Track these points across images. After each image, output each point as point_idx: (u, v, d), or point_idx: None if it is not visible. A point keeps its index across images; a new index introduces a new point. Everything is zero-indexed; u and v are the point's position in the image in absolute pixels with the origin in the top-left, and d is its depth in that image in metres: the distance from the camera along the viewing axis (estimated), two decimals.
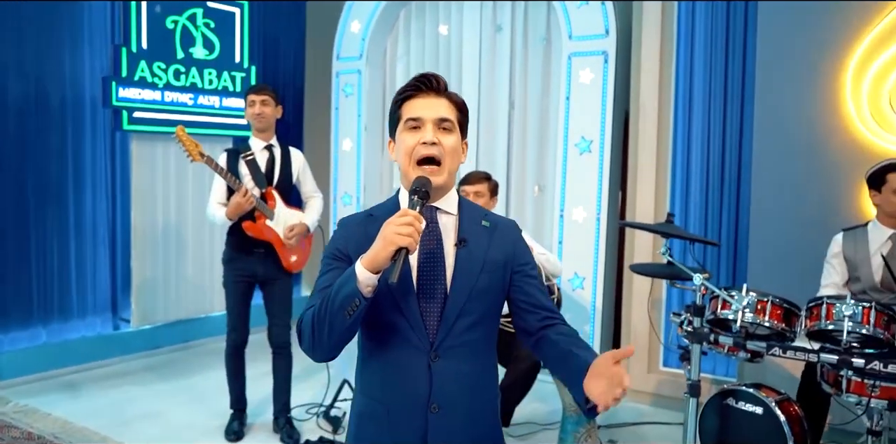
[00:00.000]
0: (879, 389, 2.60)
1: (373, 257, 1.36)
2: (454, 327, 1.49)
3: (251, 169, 3.57)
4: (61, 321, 4.67)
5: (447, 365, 1.49)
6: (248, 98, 3.59)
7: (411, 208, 1.40)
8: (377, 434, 1.54)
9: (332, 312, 1.39)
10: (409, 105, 1.53)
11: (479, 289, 1.51)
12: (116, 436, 3.61)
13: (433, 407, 1.49)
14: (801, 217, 3.81)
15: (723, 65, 4.19)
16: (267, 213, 3.56)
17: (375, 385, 1.55)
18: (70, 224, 4.64)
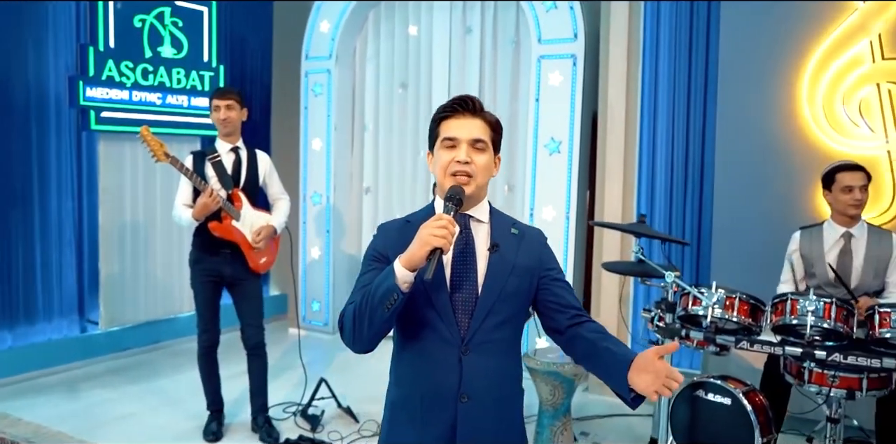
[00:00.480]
0: (839, 379, 2.77)
1: (410, 256, 1.50)
2: (483, 325, 1.61)
3: (217, 171, 3.57)
4: (27, 325, 4.59)
5: (476, 359, 1.61)
6: (213, 103, 3.59)
7: (446, 213, 1.54)
8: (410, 422, 1.65)
9: (372, 306, 1.52)
10: (447, 125, 1.66)
11: (508, 291, 1.63)
12: (92, 439, 3.59)
13: (462, 397, 1.61)
14: (761, 216, 3.99)
15: (687, 67, 4.32)
16: (233, 213, 3.57)
17: (409, 376, 1.67)
18: (35, 225, 4.56)
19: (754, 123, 4.04)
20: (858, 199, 3.13)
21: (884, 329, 2.58)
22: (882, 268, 3.18)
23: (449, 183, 1.62)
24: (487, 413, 1.63)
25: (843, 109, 3.88)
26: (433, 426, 1.62)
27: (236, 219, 3.59)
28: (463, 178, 1.61)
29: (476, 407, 1.61)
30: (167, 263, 5.17)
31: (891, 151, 3.78)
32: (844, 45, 3.87)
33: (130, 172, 4.86)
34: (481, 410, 1.62)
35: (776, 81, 3.99)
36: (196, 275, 3.67)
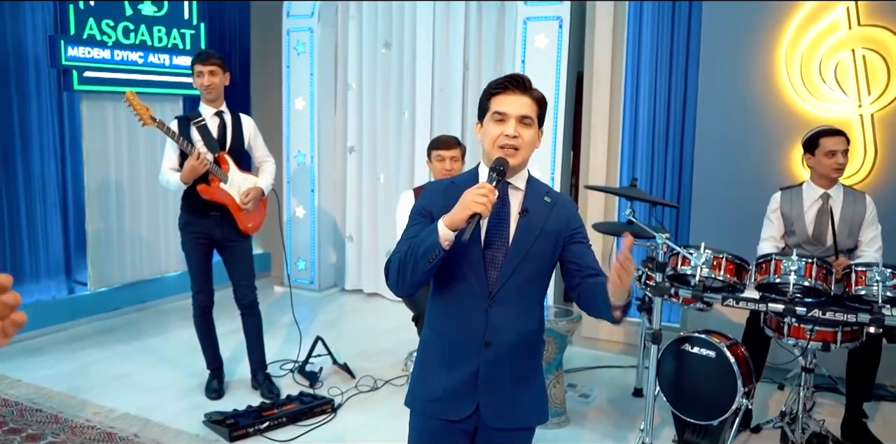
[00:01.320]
0: (816, 332, 2.98)
1: (452, 218, 1.64)
2: (509, 281, 1.77)
3: (203, 135, 3.58)
4: (15, 286, 4.46)
5: (501, 311, 1.78)
6: (196, 68, 3.55)
7: (489, 182, 1.67)
8: (440, 362, 1.83)
9: (415, 258, 1.67)
10: (498, 100, 1.77)
11: (533, 253, 1.78)
12: (95, 399, 3.66)
13: (486, 345, 1.78)
14: (738, 177, 4.15)
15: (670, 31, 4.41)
16: (221, 176, 3.60)
17: (441, 322, 1.85)
18: (19, 187, 4.51)
19: (734, 86, 4.17)
20: (841, 162, 3.28)
21: (859, 287, 2.78)
22: (856, 227, 3.37)
23: (496, 154, 1.74)
24: (507, 360, 1.80)
25: (820, 73, 4.02)
26: (459, 368, 1.80)
27: (224, 181, 3.61)
28: (510, 150, 1.74)
29: (497, 354, 1.78)
30: (152, 223, 5.18)
31: (863, 115, 3.95)
32: (823, 11, 3.99)
33: (114, 133, 4.81)
34: (502, 357, 1.79)
35: (756, 45, 4.11)
36: (187, 238, 3.71)
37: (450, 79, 5.10)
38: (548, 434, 3.38)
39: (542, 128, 1.84)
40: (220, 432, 3.28)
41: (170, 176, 3.56)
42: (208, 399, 3.71)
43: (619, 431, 3.44)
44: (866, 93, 3.93)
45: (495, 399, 1.81)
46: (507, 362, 1.80)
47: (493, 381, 1.80)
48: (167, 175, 3.57)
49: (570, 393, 3.87)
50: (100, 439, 3.22)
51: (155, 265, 5.25)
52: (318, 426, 3.42)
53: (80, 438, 3.22)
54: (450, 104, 5.12)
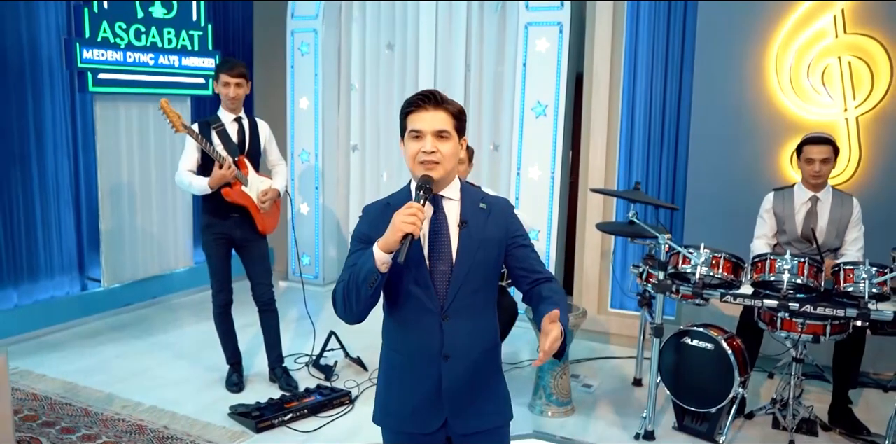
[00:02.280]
0: (807, 326, 3.21)
1: (385, 241, 1.68)
2: (459, 293, 1.81)
3: (223, 139, 3.72)
4: (31, 282, 4.70)
5: (455, 323, 1.82)
6: (222, 77, 3.66)
7: (416, 201, 1.71)
8: (401, 378, 1.88)
9: (357, 284, 1.72)
10: (413, 118, 1.79)
11: (478, 262, 1.82)
12: (120, 393, 3.81)
13: (445, 357, 1.82)
14: (731, 177, 4.37)
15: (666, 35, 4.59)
16: (242, 180, 3.75)
17: (399, 339, 1.89)
18: (34, 186, 4.62)
19: (727, 90, 4.37)
20: (817, 171, 3.48)
21: (847, 284, 3.00)
22: (843, 228, 3.60)
23: (418, 170, 1.78)
24: (467, 369, 1.85)
25: (808, 78, 4.24)
26: (422, 383, 1.84)
27: (245, 184, 3.76)
28: (431, 165, 1.76)
29: (457, 364, 1.83)
30: (162, 220, 5.30)
31: (848, 119, 4.18)
32: (811, 19, 4.19)
33: (125, 133, 4.92)
34: (462, 366, 1.84)
35: (748, 50, 4.31)
36: (209, 239, 3.84)
37: (452, 80, 5.26)
38: (555, 423, 3.60)
39: (465, 136, 1.86)
40: (247, 423, 3.45)
41: (192, 179, 3.68)
42: (229, 392, 3.88)
43: (622, 419, 3.66)
44: (851, 97, 4.15)
45: (461, 409, 1.86)
46: (468, 372, 1.85)
47: (456, 391, 1.85)
48: (188, 178, 3.69)
49: (574, 383, 4.08)
50: (132, 431, 3.38)
51: (165, 262, 5.38)
52: (338, 417, 3.61)
53: (113, 430, 3.38)
54: None
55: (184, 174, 3.72)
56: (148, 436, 3.34)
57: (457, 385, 1.84)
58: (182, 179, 3.74)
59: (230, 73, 3.66)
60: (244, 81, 3.71)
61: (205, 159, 3.67)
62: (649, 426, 3.41)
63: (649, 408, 3.40)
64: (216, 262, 3.86)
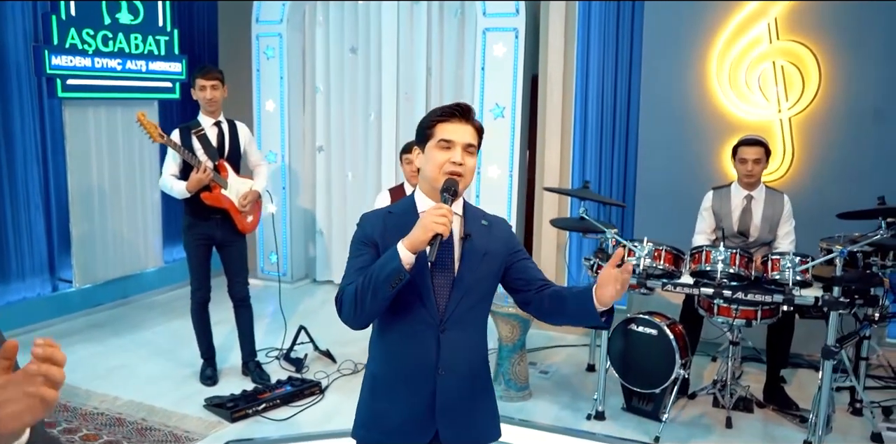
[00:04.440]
0: (740, 311, 3.50)
1: (413, 240, 1.67)
2: (458, 306, 1.81)
3: (203, 144, 3.88)
4: (3, 285, 4.80)
5: (452, 336, 1.81)
6: (198, 82, 3.83)
7: (444, 203, 1.73)
8: (392, 391, 1.85)
9: (376, 285, 1.68)
10: (443, 127, 1.79)
11: (480, 276, 1.83)
12: (98, 389, 3.96)
13: (440, 371, 1.81)
14: (676, 176, 4.66)
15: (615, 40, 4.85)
16: (221, 183, 3.92)
17: (392, 353, 1.86)
18: (4, 190, 4.71)
19: (672, 92, 4.66)
20: (749, 170, 3.78)
21: (774, 272, 3.29)
22: (775, 223, 3.91)
23: (443, 178, 1.77)
24: (461, 382, 1.85)
25: (745, 81, 4.54)
26: (415, 397, 1.83)
27: (224, 187, 3.93)
28: (456, 176, 1.77)
29: (451, 377, 1.82)
30: (132, 221, 5.43)
31: (782, 120, 4.50)
32: (747, 26, 4.50)
33: (94, 137, 5.04)
34: (456, 379, 1.83)
35: (691, 56, 4.60)
36: (189, 239, 3.99)
37: (414, 83, 5.47)
38: (513, 407, 3.85)
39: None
40: (222, 414, 3.63)
41: (173, 184, 3.84)
42: (204, 386, 4.05)
43: (576, 402, 3.92)
44: (784, 99, 4.46)
45: (453, 422, 1.85)
46: (462, 385, 1.85)
47: (450, 405, 1.84)
48: (170, 182, 3.85)
49: (532, 370, 4.34)
50: (111, 424, 3.54)
51: (136, 262, 5.50)
52: (309, 406, 3.81)
53: (93, 423, 3.54)
54: (413, 106, 5.49)
55: (167, 179, 3.88)
56: (127, 428, 3.50)
57: (451, 398, 1.84)
58: (165, 184, 3.90)
59: (205, 76, 3.83)
60: (219, 84, 3.87)
61: (186, 163, 3.83)
62: (600, 407, 3.68)
63: (599, 390, 3.67)
64: (196, 262, 4.02)
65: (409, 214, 1.82)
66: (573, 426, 3.63)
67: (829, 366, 3.25)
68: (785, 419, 3.70)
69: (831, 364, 3.25)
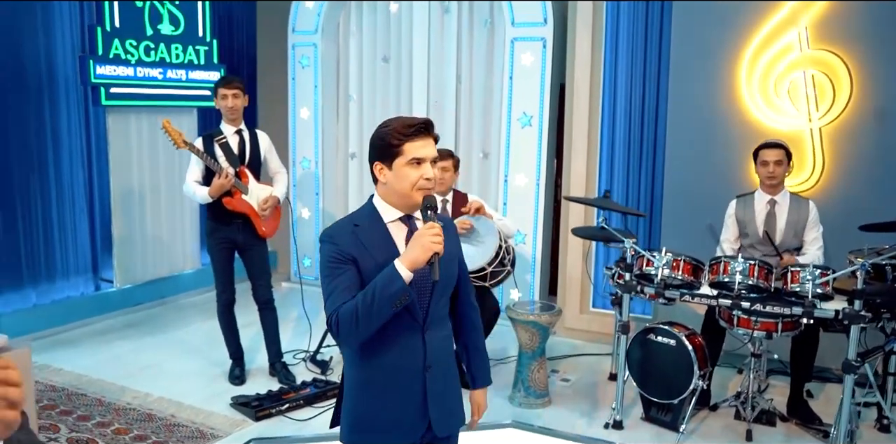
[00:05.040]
0: (760, 323, 3.47)
1: (414, 260, 1.74)
2: (437, 306, 1.93)
3: (225, 151, 4.02)
4: (48, 283, 5.03)
5: (433, 335, 1.93)
6: (220, 92, 3.99)
7: (429, 220, 1.80)
8: (382, 394, 1.91)
9: (379, 305, 1.74)
10: (412, 146, 1.82)
11: (449, 275, 1.94)
12: (131, 385, 4.12)
13: (428, 367, 1.91)
14: (704, 184, 4.62)
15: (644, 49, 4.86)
16: (242, 189, 4.05)
17: (380, 358, 1.90)
18: (52, 193, 4.95)
19: (701, 101, 4.63)
20: (771, 172, 3.78)
21: (794, 284, 3.26)
22: (800, 229, 3.87)
23: (417, 196, 1.84)
24: (444, 374, 1.97)
25: (775, 90, 4.50)
26: (407, 396, 1.91)
27: (245, 193, 4.06)
28: (427, 191, 1.85)
29: (437, 372, 1.93)
30: (171, 225, 5.62)
31: (812, 129, 4.44)
32: (777, 35, 4.45)
33: (136, 142, 5.25)
34: (440, 373, 1.95)
35: (720, 65, 4.57)
36: (213, 243, 4.14)
37: (443, 91, 5.55)
38: (532, 414, 3.88)
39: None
40: (247, 413, 3.75)
41: (196, 189, 4.00)
42: (232, 385, 4.18)
43: (595, 410, 3.93)
44: (815, 109, 4.40)
45: (442, 412, 1.97)
46: (446, 377, 1.98)
47: (438, 397, 1.94)
48: (193, 188, 4.01)
49: (553, 378, 4.36)
50: (142, 419, 3.69)
51: (174, 264, 5.70)
52: (331, 407, 3.89)
53: (125, 418, 3.69)
54: (443, 114, 5.57)
55: (190, 185, 4.03)
56: (156, 423, 3.64)
57: (438, 391, 1.94)
58: (188, 190, 4.05)
59: (226, 86, 3.98)
60: (240, 93, 4.01)
61: (209, 170, 3.98)
62: (618, 417, 3.68)
63: (618, 399, 3.68)
64: (219, 265, 4.16)
65: (376, 225, 1.88)
66: (590, 434, 3.64)
67: (850, 380, 3.20)
68: (807, 433, 3.65)
69: (852, 379, 3.20)
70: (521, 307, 4.00)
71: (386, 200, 1.90)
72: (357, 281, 1.82)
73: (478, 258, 3.93)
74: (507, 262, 4.02)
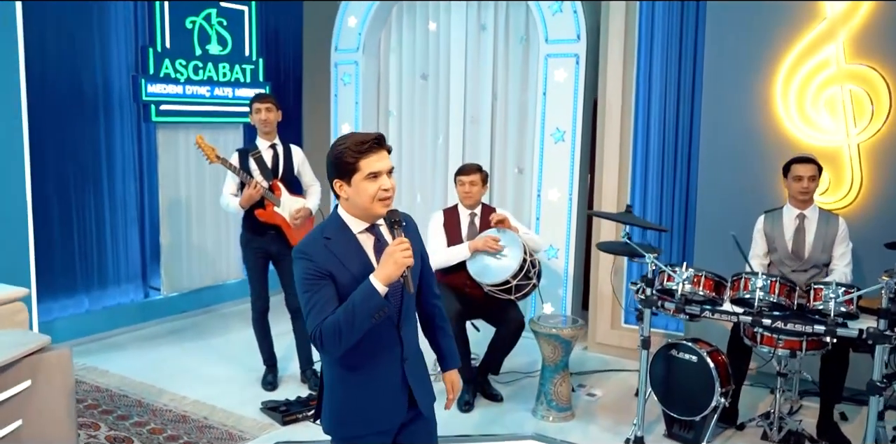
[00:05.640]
0: (783, 341, 3.42)
1: (389, 275, 1.88)
2: (409, 304, 2.09)
3: (259, 165, 4.20)
4: (100, 289, 5.30)
5: (406, 329, 2.08)
6: (254, 106, 4.20)
7: (398, 236, 1.94)
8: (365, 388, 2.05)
9: (360, 319, 1.87)
10: (367, 162, 1.93)
11: (417, 272, 2.10)
12: (169, 388, 4.32)
13: (405, 359, 2.08)
14: (738, 200, 4.56)
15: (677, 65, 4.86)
16: (274, 201, 4.21)
17: (361, 356, 2.02)
18: (105, 204, 5.23)
19: (734, 117, 4.58)
20: (805, 187, 3.74)
21: (817, 302, 3.21)
22: (829, 244, 3.81)
23: (378, 208, 1.96)
24: (418, 362, 2.15)
25: (811, 106, 4.43)
26: (387, 386, 2.07)
27: (277, 205, 4.23)
28: (389, 201, 1.98)
29: (413, 363, 2.11)
30: (216, 236, 5.86)
31: (850, 145, 4.35)
32: (814, 49, 4.39)
33: (184, 157, 5.50)
34: (415, 362, 2.13)
35: (754, 79, 4.52)
36: (248, 253, 4.33)
37: (479, 107, 5.65)
38: (553, 427, 3.89)
39: None
40: (275, 417, 3.88)
41: (230, 200, 4.21)
42: (264, 391, 4.32)
43: (618, 425, 3.92)
44: (853, 125, 4.32)
45: (422, 395, 2.13)
46: (419, 363, 2.16)
47: (417, 383, 2.12)
48: (227, 199, 4.22)
49: (579, 392, 4.36)
50: (176, 420, 3.86)
51: (217, 274, 5.93)
52: None
53: (161, 419, 3.87)
54: (479, 129, 5.66)
55: (225, 197, 4.24)
56: (189, 425, 3.81)
57: (416, 378, 2.12)
58: (223, 201, 4.27)
59: (259, 101, 4.19)
60: (272, 107, 4.20)
61: (243, 183, 4.16)
62: (639, 432, 3.66)
63: (639, 415, 3.66)
64: (254, 274, 4.34)
65: (346, 236, 2.01)
66: None
67: (875, 402, 3.12)
68: None
69: (877, 400, 3.12)
70: (545, 321, 4.03)
71: (351, 214, 2.03)
72: (334, 295, 1.94)
73: (501, 272, 3.98)
74: (532, 275, 4.06)
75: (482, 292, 4.08)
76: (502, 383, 4.45)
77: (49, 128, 4.83)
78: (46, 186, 4.87)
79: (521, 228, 4.24)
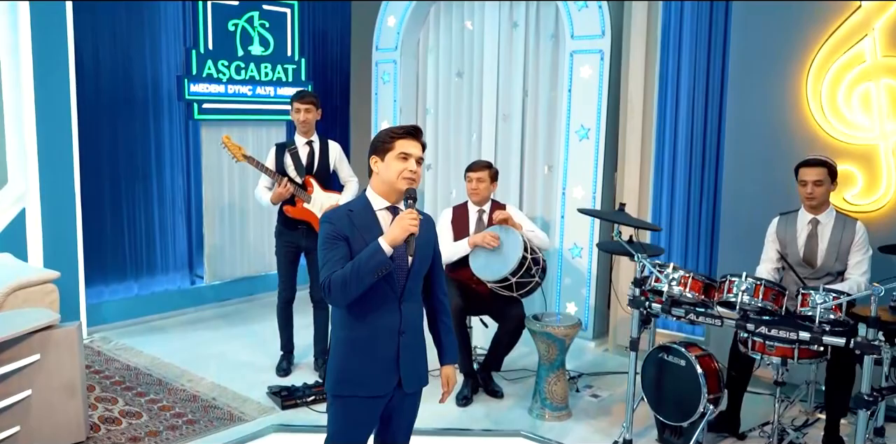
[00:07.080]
0: (775, 348, 3.26)
1: (394, 238, 2.15)
2: (412, 283, 2.33)
3: (294, 160, 4.38)
4: (149, 277, 5.69)
5: (408, 305, 2.33)
6: (294, 105, 4.36)
7: (408, 208, 2.21)
8: (363, 352, 2.30)
9: (364, 273, 2.14)
10: (402, 143, 2.27)
11: (424, 258, 2.36)
12: (192, 369, 4.59)
13: (402, 332, 2.31)
14: (764, 200, 4.36)
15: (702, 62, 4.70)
16: (304, 197, 4.38)
17: (363, 321, 2.29)
18: (154, 197, 5.61)
19: (761, 114, 4.38)
20: (809, 192, 3.53)
21: (804, 308, 3.05)
22: (844, 251, 3.58)
23: (402, 184, 2.25)
24: (415, 340, 2.37)
25: (844, 102, 4.17)
26: (382, 354, 2.30)
27: (307, 202, 4.40)
28: (412, 182, 2.27)
29: (409, 337, 2.33)
30: (258, 229, 6.14)
31: (885, 144, 4.06)
32: (847, 42, 4.13)
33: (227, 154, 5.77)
34: (411, 338, 2.35)
35: (783, 75, 4.30)
36: (279, 245, 4.55)
37: (511, 104, 5.65)
38: (545, 426, 3.87)
39: None
40: (276, 401, 4.06)
41: (263, 194, 4.42)
42: (277, 376, 4.53)
43: (611, 427, 3.85)
44: (888, 121, 4.04)
45: (410, 372, 2.36)
46: (415, 343, 2.38)
47: (408, 358, 2.34)
48: (261, 193, 4.44)
49: (584, 393, 4.31)
50: (187, 399, 4.11)
51: (259, 264, 6.21)
52: None
53: (173, 397, 4.14)
54: (510, 127, 5.66)
55: (259, 190, 4.46)
56: (198, 404, 4.05)
57: (408, 354, 2.34)
58: (257, 194, 4.50)
59: (300, 101, 4.35)
60: (313, 108, 4.36)
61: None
62: (627, 435, 3.58)
63: (627, 417, 3.59)
64: (283, 265, 4.56)
65: (368, 211, 2.30)
66: None
67: (864, 416, 2.93)
68: None
69: (865, 415, 2.92)
70: (539, 319, 4.01)
71: (376, 191, 2.32)
72: (347, 255, 2.23)
73: (501, 269, 3.99)
74: (534, 273, 4.04)
75: (487, 288, 4.11)
76: (509, 380, 4.46)
77: (102, 125, 5.23)
78: (101, 180, 5.28)
79: (526, 225, 4.23)
